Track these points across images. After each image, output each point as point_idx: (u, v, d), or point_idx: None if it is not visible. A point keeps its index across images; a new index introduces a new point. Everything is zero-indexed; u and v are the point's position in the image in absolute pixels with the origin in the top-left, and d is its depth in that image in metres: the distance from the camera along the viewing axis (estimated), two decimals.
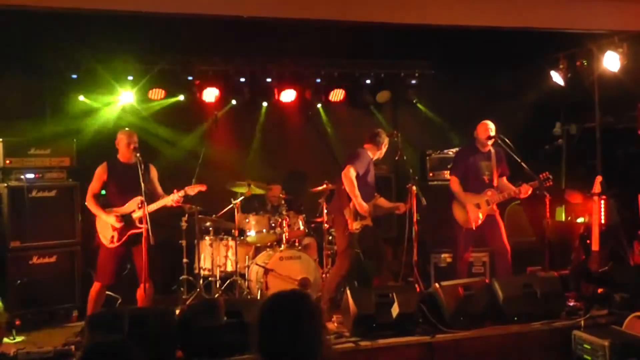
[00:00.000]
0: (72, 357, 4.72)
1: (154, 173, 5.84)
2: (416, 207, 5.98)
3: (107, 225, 5.56)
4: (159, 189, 5.82)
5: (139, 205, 5.52)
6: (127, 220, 5.57)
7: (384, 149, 6.27)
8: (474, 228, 6.19)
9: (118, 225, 5.52)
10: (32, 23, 6.00)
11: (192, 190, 5.73)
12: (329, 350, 2.35)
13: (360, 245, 6.16)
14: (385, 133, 6.28)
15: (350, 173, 5.90)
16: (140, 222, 5.52)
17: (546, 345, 5.25)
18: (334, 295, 6.04)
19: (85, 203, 5.70)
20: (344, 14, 5.75)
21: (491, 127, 6.33)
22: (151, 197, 5.60)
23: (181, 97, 7.54)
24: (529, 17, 6.17)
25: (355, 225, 5.98)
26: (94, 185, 5.67)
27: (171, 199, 5.61)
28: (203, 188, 5.82)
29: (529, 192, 6.12)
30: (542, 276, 5.83)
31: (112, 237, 5.54)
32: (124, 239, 5.56)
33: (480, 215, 6.19)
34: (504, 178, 6.44)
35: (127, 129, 5.90)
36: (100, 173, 5.68)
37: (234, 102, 7.83)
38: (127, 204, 5.60)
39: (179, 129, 7.74)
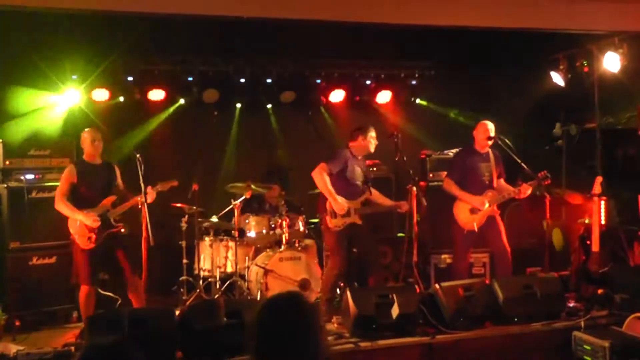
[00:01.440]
0: (71, 358, 4.71)
1: (117, 173, 5.79)
2: (416, 208, 5.98)
3: (81, 226, 5.44)
4: (124, 188, 5.77)
5: (114, 204, 5.52)
6: (102, 220, 5.48)
7: (371, 143, 6.15)
8: (476, 230, 6.18)
9: (95, 225, 5.42)
10: (32, 23, 6.01)
11: (164, 186, 5.70)
12: (327, 353, 2.33)
13: (352, 244, 6.15)
14: (369, 127, 6.18)
15: (317, 171, 5.92)
16: (117, 221, 5.53)
17: (546, 346, 5.25)
18: (331, 296, 6.03)
19: (55, 207, 5.53)
20: (344, 14, 5.75)
21: (490, 127, 6.32)
22: (120, 197, 5.60)
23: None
24: (529, 17, 6.18)
25: (334, 223, 5.93)
26: (62, 188, 5.53)
27: (142, 197, 5.47)
28: (175, 184, 5.83)
29: (529, 192, 6.12)
30: (542, 277, 5.83)
31: (89, 237, 5.44)
32: (101, 239, 5.48)
33: (480, 218, 6.18)
34: (502, 180, 6.43)
35: (89, 128, 5.79)
36: (67, 175, 5.55)
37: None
38: (100, 205, 5.53)
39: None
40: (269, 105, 8.14)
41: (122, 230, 5.59)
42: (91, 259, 5.48)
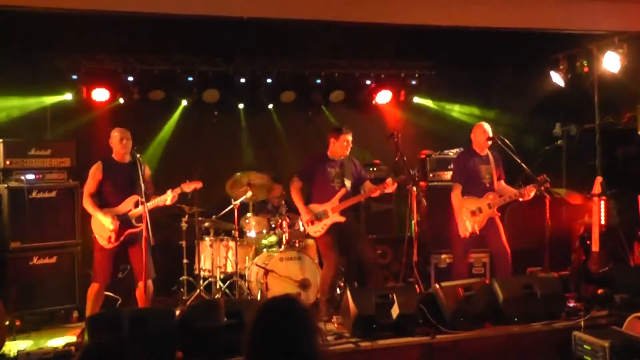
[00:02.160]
0: (72, 358, 4.72)
1: (147, 172, 5.81)
2: (416, 208, 5.97)
3: (103, 225, 5.52)
4: (152, 188, 5.78)
5: (137, 204, 5.52)
6: (123, 219, 5.54)
7: (343, 146, 6.11)
8: (477, 232, 6.15)
9: (113, 226, 5.47)
10: (31, 23, 6.01)
11: (188, 187, 5.69)
12: (322, 356, 2.32)
13: (345, 242, 6.16)
14: (342, 130, 6.17)
15: (290, 185, 6.22)
16: (138, 221, 5.52)
17: (546, 346, 5.25)
18: (330, 296, 6.04)
19: (82, 204, 5.66)
20: (344, 14, 5.75)
21: (488, 128, 6.31)
22: (146, 196, 5.57)
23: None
24: (529, 17, 6.18)
25: (312, 229, 6.07)
26: (90, 185, 5.60)
27: (167, 198, 5.57)
28: (199, 185, 5.79)
29: (532, 194, 6.08)
30: (542, 277, 5.83)
31: (110, 237, 5.50)
32: (121, 238, 5.53)
33: (480, 220, 6.16)
34: (502, 181, 6.43)
35: (119, 127, 5.80)
36: (95, 172, 5.61)
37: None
38: (123, 203, 5.58)
39: None
40: (270, 106, 8.14)
41: (144, 232, 5.51)
42: (108, 258, 5.55)
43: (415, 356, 5.06)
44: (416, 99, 8.56)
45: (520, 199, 6.15)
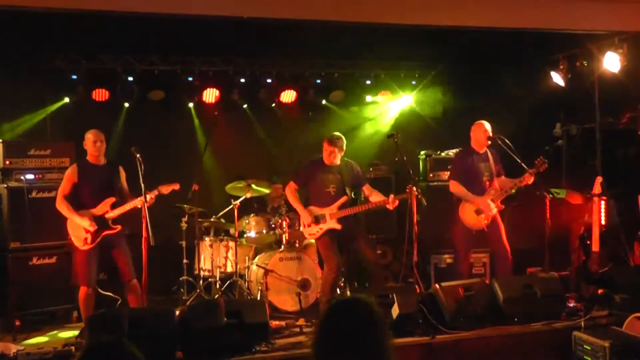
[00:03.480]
0: (72, 358, 4.72)
1: (122, 174, 5.76)
2: (416, 208, 5.97)
3: (78, 227, 5.45)
4: (127, 190, 5.74)
5: (113, 206, 5.51)
6: (100, 221, 5.49)
7: (333, 153, 6.10)
8: (486, 228, 6.16)
9: (92, 228, 5.43)
10: (31, 23, 6.01)
11: (166, 189, 5.62)
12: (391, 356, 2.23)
13: (346, 247, 6.17)
14: (333, 138, 6.15)
15: (286, 189, 6.28)
16: (114, 222, 5.51)
17: (546, 346, 5.25)
18: (331, 297, 6.03)
19: (56, 206, 5.54)
20: (344, 14, 5.75)
21: (488, 127, 6.32)
22: (122, 198, 5.58)
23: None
24: (529, 17, 6.17)
25: (307, 232, 6.12)
26: (64, 187, 5.54)
27: (142, 200, 5.41)
28: (176, 187, 5.70)
29: (531, 180, 6.09)
30: (542, 277, 5.82)
31: (85, 239, 5.44)
32: (97, 240, 5.47)
33: (488, 216, 6.17)
34: (502, 177, 6.43)
35: (92, 129, 5.72)
36: (70, 175, 5.56)
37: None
38: (99, 205, 5.52)
39: None
40: (273, 104, 8.15)
41: (120, 231, 5.56)
42: (88, 259, 5.48)
43: (415, 356, 5.06)
44: (415, 99, 8.56)
45: (522, 184, 6.13)
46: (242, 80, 7.79)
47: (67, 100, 7.35)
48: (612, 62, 6.88)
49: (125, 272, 5.51)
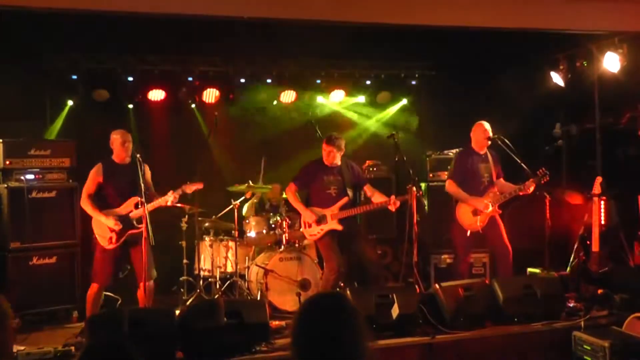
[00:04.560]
0: (72, 358, 4.72)
1: (148, 173, 5.80)
2: (416, 208, 5.97)
3: (104, 226, 5.52)
4: (153, 189, 5.77)
5: (137, 206, 5.52)
6: (124, 220, 5.54)
7: (332, 153, 6.13)
8: (480, 231, 6.17)
9: (117, 227, 5.48)
10: (31, 23, 6.01)
11: (189, 188, 5.68)
12: (370, 356, 2.19)
13: (346, 248, 6.17)
14: (332, 138, 6.17)
15: (286, 190, 6.34)
16: (139, 222, 5.51)
17: (546, 346, 5.25)
18: None
19: (81, 204, 5.64)
20: (344, 14, 5.74)
21: (488, 127, 6.33)
22: (147, 197, 5.57)
23: None
24: (528, 17, 6.17)
25: (308, 232, 6.17)
26: (89, 187, 5.59)
27: (168, 199, 5.56)
28: (200, 186, 5.77)
29: (532, 188, 6.09)
30: (542, 277, 5.83)
31: (111, 238, 5.51)
32: (122, 239, 5.54)
33: (483, 218, 6.17)
34: (501, 179, 6.43)
35: (120, 129, 5.80)
36: (95, 174, 5.60)
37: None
38: (124, 205, 5.58)
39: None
40: (274, 102, 8.14)
41: (144, 232, 5.49)
42: (109, 258, 5.55)
43: (415, 356, 5.06)
44: (415, 100, 8.55)
45: (521, 194, 6.15)
46: (242, 80, 7.79)
47: (70, 103, 7.35)
48: (612, 62, 6.87)
49: (140, 272, 5.50)
